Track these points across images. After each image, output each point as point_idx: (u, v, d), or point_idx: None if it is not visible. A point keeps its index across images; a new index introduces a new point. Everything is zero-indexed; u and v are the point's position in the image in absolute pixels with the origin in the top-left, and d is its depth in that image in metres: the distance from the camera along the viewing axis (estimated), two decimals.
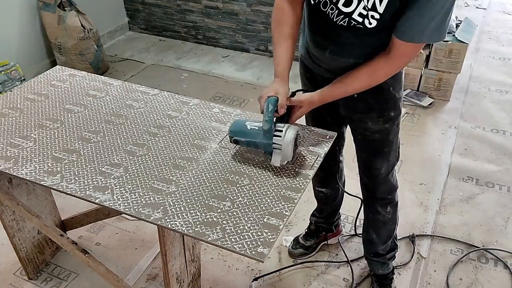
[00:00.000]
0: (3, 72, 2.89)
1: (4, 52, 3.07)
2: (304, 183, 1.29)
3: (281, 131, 1.28)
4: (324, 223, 2.03)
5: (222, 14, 3.76)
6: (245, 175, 1.32)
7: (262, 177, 1.31)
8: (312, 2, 1.32)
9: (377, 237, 1.80)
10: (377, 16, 1.22)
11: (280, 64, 1.37)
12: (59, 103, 1.65)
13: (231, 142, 1.37)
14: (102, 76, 1.84)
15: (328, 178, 1.89)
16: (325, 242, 2.08)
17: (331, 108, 1.58)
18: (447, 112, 3.08)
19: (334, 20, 1.29)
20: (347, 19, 1.27)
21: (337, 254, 2.06)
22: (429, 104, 3.11)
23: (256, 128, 1.31)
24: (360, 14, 1.24)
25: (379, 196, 1.70)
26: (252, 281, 1.93)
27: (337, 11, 1.27)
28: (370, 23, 1.24)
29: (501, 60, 3.74)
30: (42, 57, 3.45)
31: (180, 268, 1.49)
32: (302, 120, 1.50)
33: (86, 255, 1.59)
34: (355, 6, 1.23)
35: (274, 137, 1.28)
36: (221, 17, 3.77)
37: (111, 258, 2.04)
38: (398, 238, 1.91)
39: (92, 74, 1.86)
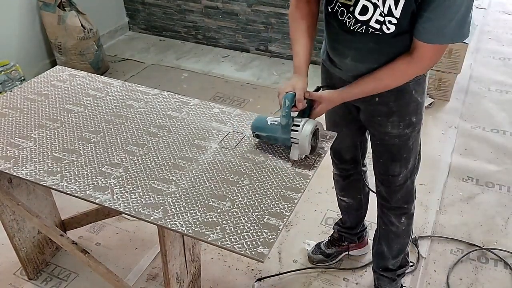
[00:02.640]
0: (3, 72, 2.89)
1: (4, 52, 3.07)
2: (304, 183, 1.29)
3: (299, 125, 1.30)
4: (347, 233, 1.97)
5: (222, 14, 3.76)
6: (245, 175, 1.32)
7: (262, 177, 1.31)
8: (330, 10, 1.31)
9: (388, 250, 1.74)
10: (394, 20, 1.20)
11: (297, 58, 1.37)
12: (59, 103, 1.65)
13: (253, 136, 1.42)
14: (102, 76, 1.84)
15: (349, 187, 1.84)
16: (347, 252, 2.01)
17: (352, 115, 1.55)
18: (447, 112, 3.08)
19: (351, 28, 1.27)
20: (364, 26, 1.25)
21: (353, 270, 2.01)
22: (429, 104, 3.11)
23: (276, 123, 1.36)
24: (377, 21, 1.22)
25: (395, 205, 1.64)
26: (256, 281, 1.93)
27: (354, 19, 1.25)
28: (388, 29, 1.22)
29: (501, 60, 3.74)
30: (42, 57, 3.45)
31: (180, 268, 1.49)
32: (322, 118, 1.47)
33: (86, 255, 1.59)
34: (371, 13, 1.21)
35: (291, 132, 1.31)
36: (221, 17, 3.77)
37: (111, 258, 2.04)
38: None
39: (92, 74, 1.86)
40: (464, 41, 1.29)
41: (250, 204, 1.22)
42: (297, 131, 1.30)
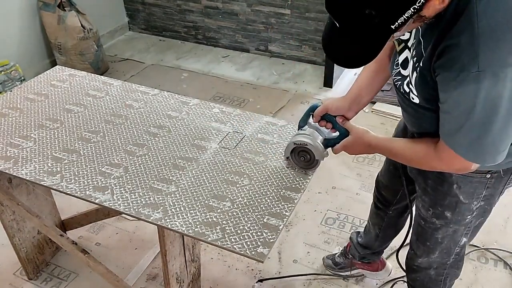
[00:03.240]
0: (3, 72, 2.89)
1: (4, 52, 3.07)
2: (304, 183, 1.29)
3: (297, 133, 1.32)
4: (354, 247, 1.88)
5: (222, 14, 3.76)
6: (245, 175, 1.32)
7: (262, 177, 1.31)
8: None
9: None
10: (415, 91, 1.06)
11: (352, 86, 1.36)
12: (59, 103, 1.65)
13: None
14: (102, 76, 1.84)
15: (373, 215, 1.75)
16: (350, 268, 1.92)
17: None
18: None
19: (393, 77, 1.18)
20: (399, 82, 1.13)
21: None
22: None
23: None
24: (408, 84, 1.09)
25: (410, 282, 1.56)
26: (256, 282, 1.92)
27: (398, 69, 1.14)
28: (412, 98, 1.09)
29: None
30: (42, 57, 3.45)
31: (180, 268, 1.49)
32: None
33: (86, 255, 1.59)
34: (409, 71, 1.08)
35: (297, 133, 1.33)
36: (221, 17, 3.77)
37: (111, 258, 2.04)
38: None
39: (92, 74, 1.86)
40: None
41: (250, 204, 1.22)
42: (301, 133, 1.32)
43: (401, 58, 1.13)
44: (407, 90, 1.11)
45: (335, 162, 2.54)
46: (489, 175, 1.17)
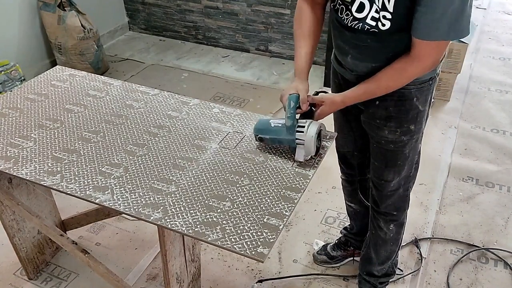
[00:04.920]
0: (3, 72, 2.89)
1: (4, 52, 3.07)
2: (304, 183, 1.29)
3: (303, 126, 1.31)
4: (353, 239, 1.96)
5: (222, 14, 3.76)
6: (245, 175, 1.32)
7: (262, 177, 1.31)
8: (332, 7, 1.33)
9: (375, 256, 1.74)
10: (388, 15, 1.18)
11: (299, 62, 1.39)
12: (59, 103, 1.65)
13: (256, 140, 1.41)
14: (102, 76, 1.84)
15: (356, 193, 1.82)
16: (352, 258, 1.99)
17: (356, 118, 1.54)
18: (447, 112, 3.08)
19: (349, 25, 1.28)
20: (361, 24, 1.25)
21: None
22: None
23: (280, 125, 1.35)
24: (372, 18, 1.22)
25: (384, 210, 1.62)
26: (256, 283, 1.92)
27: (351, 16, 1.26)
28: (383, 25, 1.21)
29: (501, 60, 3.74)
30: (42, 57, 3.45)
31: (180, 268, 1.49)
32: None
33: (86, 255, 1.59)
34: (367, 10, 1.21)
35: (296, 133, 1.31)
36: (221, 17, 3.77)
37: (111, 258, 2.04)
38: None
39: (92, 74, 1.86)
40: (464, 41, 1.28)
41: (250, 204, 1.22)
42: (302, 132, 1.30)
43: (355, 6, 1.23)
44: (373, 23, 1.22)
45: (335, 161, 2.54)
46: (431, 81, 1.37)
